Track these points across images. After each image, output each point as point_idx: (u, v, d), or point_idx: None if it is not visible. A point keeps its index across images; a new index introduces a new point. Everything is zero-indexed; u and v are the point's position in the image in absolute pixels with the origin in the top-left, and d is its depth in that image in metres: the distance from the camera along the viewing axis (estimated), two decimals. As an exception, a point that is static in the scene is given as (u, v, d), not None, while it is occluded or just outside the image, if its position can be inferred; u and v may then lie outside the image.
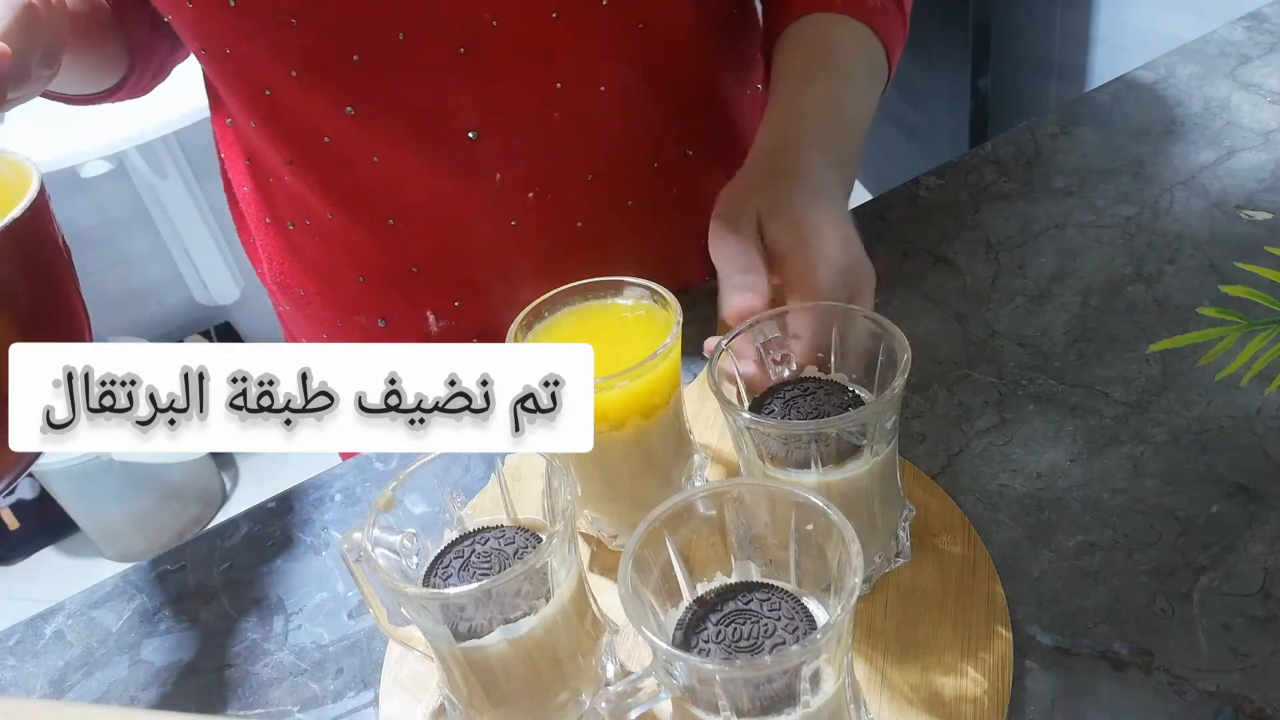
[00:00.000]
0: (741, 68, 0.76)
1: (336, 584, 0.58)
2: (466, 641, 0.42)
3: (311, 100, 0.63)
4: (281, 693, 0.52)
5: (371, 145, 0.64)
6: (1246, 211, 0.70)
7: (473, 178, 0.66)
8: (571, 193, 0.68)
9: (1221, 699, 0.43)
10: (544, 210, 0.68)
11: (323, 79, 0.62)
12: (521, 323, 0.51)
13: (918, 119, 2.26)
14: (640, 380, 0.48)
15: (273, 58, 0.61)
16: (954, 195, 0.77)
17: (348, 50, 0.60)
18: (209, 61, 0.64)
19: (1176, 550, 0.49)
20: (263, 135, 0.67)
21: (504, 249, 0.69)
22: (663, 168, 0.72)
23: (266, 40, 0.60)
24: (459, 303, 0.72)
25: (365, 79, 0.61)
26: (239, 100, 0.66)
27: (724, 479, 0.57)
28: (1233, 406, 0.56)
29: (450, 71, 0.61)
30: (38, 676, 0.56)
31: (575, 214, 0.69)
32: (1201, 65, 0.86)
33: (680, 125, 0.72)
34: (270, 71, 0.62)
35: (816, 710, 0.37)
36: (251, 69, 0.62)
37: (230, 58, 0.62)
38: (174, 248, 2.13)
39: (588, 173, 0.68)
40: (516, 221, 0.68)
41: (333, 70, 0.61)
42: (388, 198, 0.67)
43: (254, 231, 0.77)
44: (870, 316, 0.47)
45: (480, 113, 0.63)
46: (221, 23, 0.60)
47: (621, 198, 0.71)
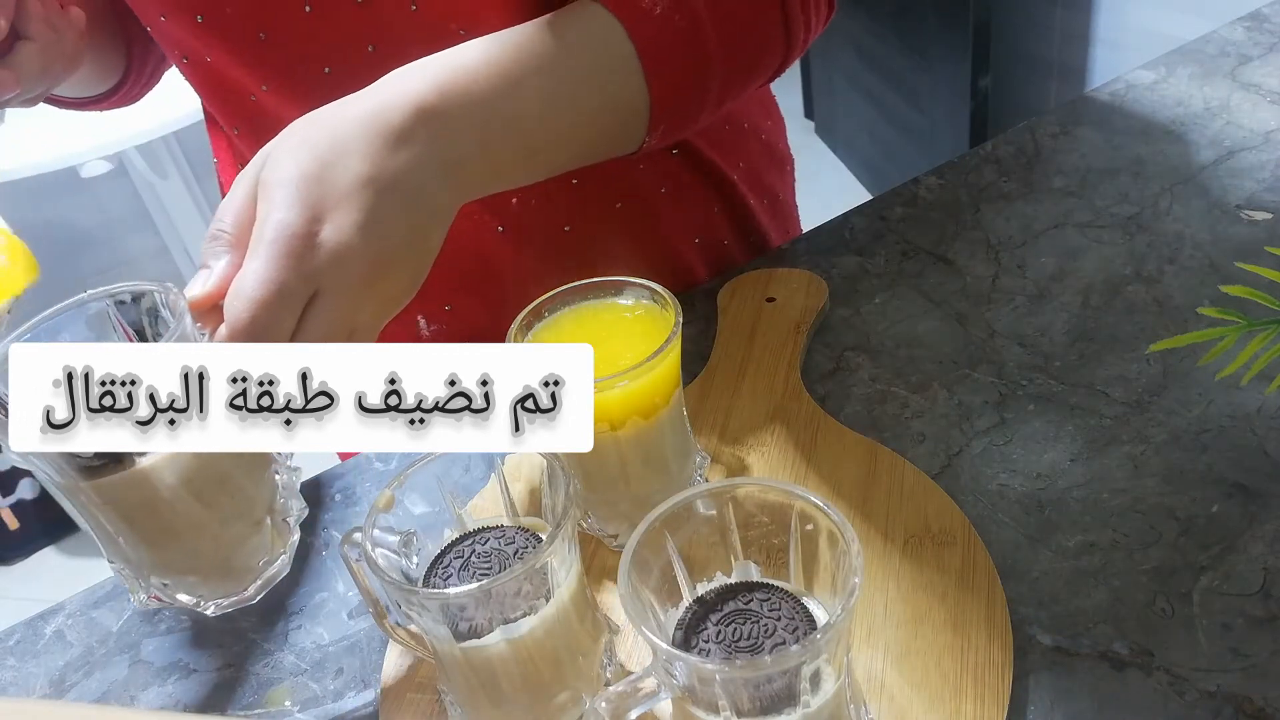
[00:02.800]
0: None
1: (336, 584, 0.58)
2: (466, 641, 0.42)
3: (286, 111, 0.62)
4: (281, 693, 0.52)
5: None
6: (1246, 211, 0.70)
7: None
8: (557, 196, 0.68)
9: (1221, 699, 0.43)
10: (530, 215, 0.68)
11: (294, 92, 0.61)
12: (521, 323, 0.51)
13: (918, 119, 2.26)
14: (640, 380, 0.48)
15: (246, 71, 0.61)
16: (954, 195, 0.77)
17: (318, 64, 0.60)
18: (190, 70, 0.64)
19: (1176, 550, 0.49)
20: (247, 141, 0.67)
21: (492, 253, 0.69)
22: (650, 168, 0.71)
23: (238, 54, 0.60)
24: (449, 306, 0.71)
25: (337, 91, 0.61)
26: (224, 108, 0.66)
27: (724, 479, 0.57)
28: (1233, 406, 0.56)
29: None
30: (38, 676, 0.56)
31: (562, 218, 0.69)
32: (1201, 65, 0.86)
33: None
34: (245, 83, 0.62)
35: (816, 710, 0.37)
36: (231, 79, 0.63)
37: (210, 67, 0.63)
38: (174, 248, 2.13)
39: (570, 177, 0.68)
40: (503, 227, 0.68)
41: (304, 84, 0.61)
42: None
43: None
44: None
45: None
46: (194, 36, 0.60)
47: (609, 200, 0.70)
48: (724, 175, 0.75)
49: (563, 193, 0.68)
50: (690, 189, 0.74)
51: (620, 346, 0.50)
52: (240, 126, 0.66)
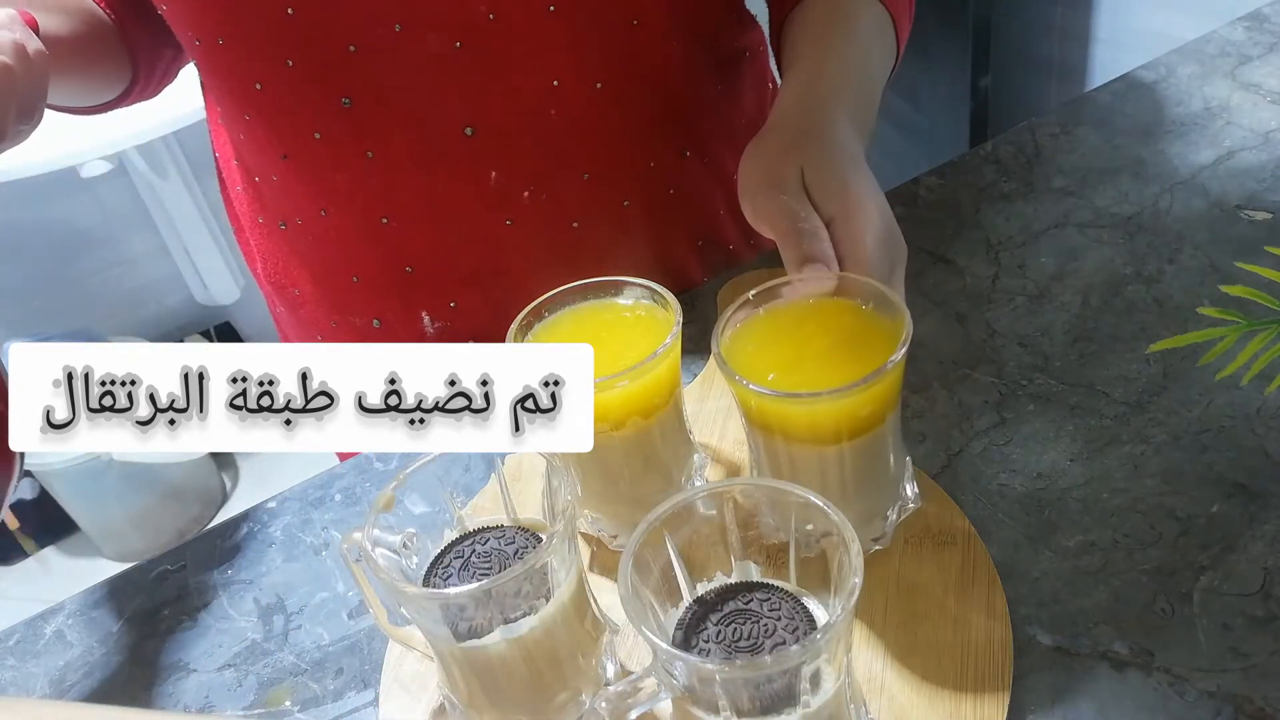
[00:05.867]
0: (740, 67, 0.76)
1: (336, 584, 0.58)
2: (466, 641, 0.42)
3: (306, 91, 0.63)
4: (281, 693, 0.52)
5: (365, 141, 0.64)
6: (1246, 211, 0.70)
7: (467, 175, 0.66)
8: (567, 192, 0.68)
9: (1221, 699, 0.43)
10: (539, 209, 0.68)
11: (319, 70, 0.61)
12: (521, 322, 0.51)
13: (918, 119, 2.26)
14: (640, 380, 0.48)
15: (268, 48, 0.61)
16: (954, 195, 0.77)
17: (344, 41, 0.60)
18: (202, 54, 0.64)
19: (1176, 550, 0.49)
20: (254, 131, 0.67)
21: (499, 249, 0.69)
22: (659, 168, 0.71)
23: (263, 31, 0.60)
24: (454, 303, 0.72)
25: (361, 71, 0.61)
26: (231, 95, 0.65)
27: (724, 479, 0.57)
28: (1233, 406, 0.56)
29: (446, 65, 0.61)
30: (38, 676, 0.56)
31: (571, 214, 0.69)
32: (1201, 65, 0.86)
33: (677, 125, 0.71)
34: (264, 63, 0.62)
35: (816, 710, 0.37)
36: (244, 61, 0.62)
37: (223, 49, 0.62)
38: (174, 248, 2.13)
39: (583, 172, 0.68)
40: (511, 220, 0.68)
41: (329, 61, 0.61)
42: (381, 195, 0.67)
43: (248, 231, 0.77)
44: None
45: (475, 109, 0.63)
46: (219, 12, 0.60)
47: (618, 197, 0.70)
48: (733, 175, 0.75)
49: (573, 190, 0.68)
50: (699, 190, 0.74)
51: (620, 346, 0.50)
52: (250, 114, 0.66)
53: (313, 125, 0.64)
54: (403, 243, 0.69)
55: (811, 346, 0.48)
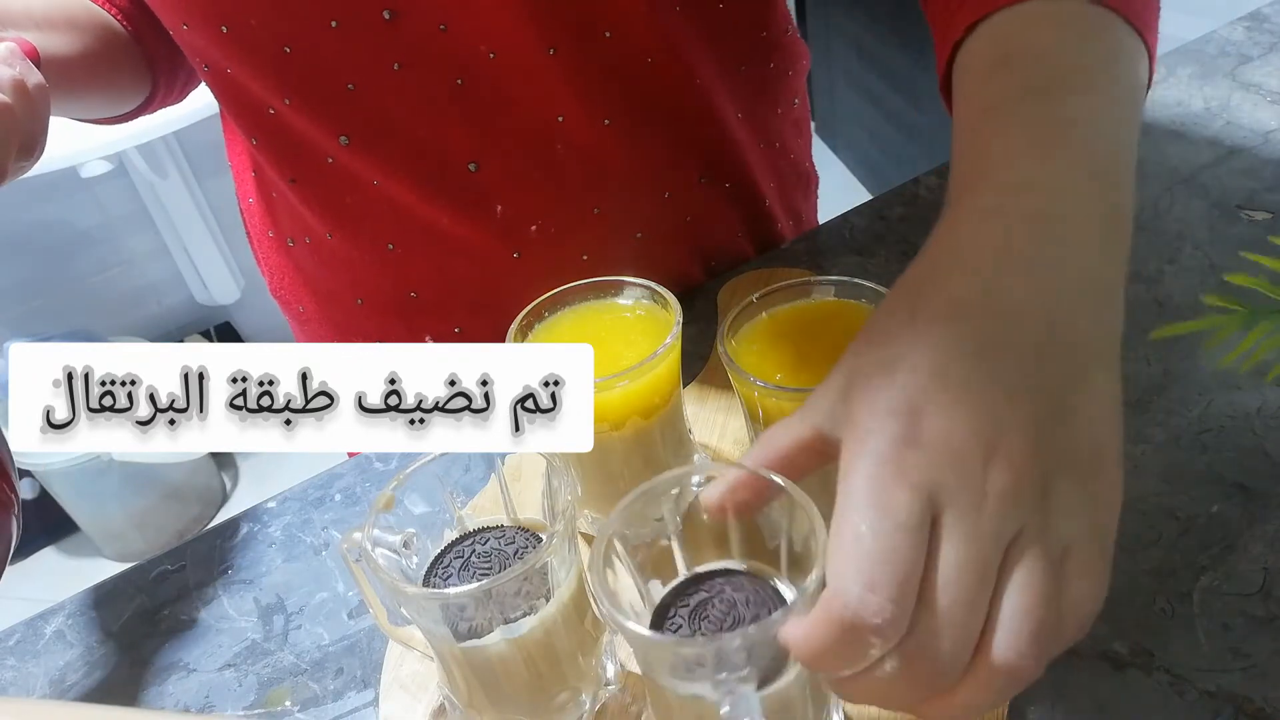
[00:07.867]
0: (765, 85, 0.73)
1: (336, 584, 0.58)
2: (466, 641, 0.42)
3: (306, 126, 0.62)
4: (281, 693, 0.52)
5: (369, 172, 0.64)
6: (1246, 211, 0.70)
7: (473, 209, 0.65)
8: (577, 226, 0.67)
9: (1221, 699, 0.43)
10: (548, 242, 0.66)
11: (316, 108, 0.61)
12: (521, 323, 0.51)
13: (918, 119, 2.26)
14: (640, 380, 0.48)
15: (267, 84, 0.60)
16: (954, 195, 0.77)
17: (342, 80, 0.59)
18: (212, 79, 0.64)
19: (1176, 550, 0.49)
20: (265, 152, 0.66)
21: (505, 279, 0.68)
22: (674, 197, 0.69)
23: (260, 67, 0.59)
24: (459, 329, 0.71)
25: (360, 109, 0.60)
26: (243, 118, 0.65)
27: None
28: (1233, 406, 0.56)
29: (447, 103, 0.60)
30: (38, 676, 0.56)
31: (580, 247, 0.68)
32: (1201, 65, 0.86)
33: (692, 152, 0.69)
34: (267, 96, 0.61)
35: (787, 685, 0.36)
36: (251, 90, 0.62)
37: (231, 77, 0.62)
38: (174, 248, 2.13)
39: (594, 207, 0.66)
40: (519, 253, 0.67)
41: (327, 99, 0.60)
42: (388, 222, 0.66)
43: (257, 244, 0.77)
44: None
45: (479, 145, 0.62)
46: (218, 47, 0.60)
47: (630, 230, 0.69)
48: (756, 195, 0.74)
49: (585, 224, 0.67)
50: (717, 213, 0.73)
51: (620, 346, 0.50)
52: (259, 138, 0.65)
53: (318, 154, 0.64)
54: (408, 269, 0.68)
55: (817, 346, 0.48)
